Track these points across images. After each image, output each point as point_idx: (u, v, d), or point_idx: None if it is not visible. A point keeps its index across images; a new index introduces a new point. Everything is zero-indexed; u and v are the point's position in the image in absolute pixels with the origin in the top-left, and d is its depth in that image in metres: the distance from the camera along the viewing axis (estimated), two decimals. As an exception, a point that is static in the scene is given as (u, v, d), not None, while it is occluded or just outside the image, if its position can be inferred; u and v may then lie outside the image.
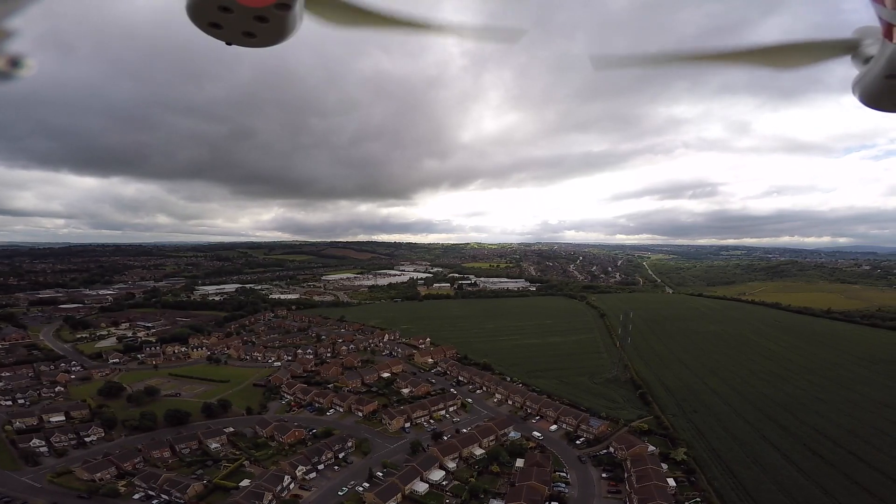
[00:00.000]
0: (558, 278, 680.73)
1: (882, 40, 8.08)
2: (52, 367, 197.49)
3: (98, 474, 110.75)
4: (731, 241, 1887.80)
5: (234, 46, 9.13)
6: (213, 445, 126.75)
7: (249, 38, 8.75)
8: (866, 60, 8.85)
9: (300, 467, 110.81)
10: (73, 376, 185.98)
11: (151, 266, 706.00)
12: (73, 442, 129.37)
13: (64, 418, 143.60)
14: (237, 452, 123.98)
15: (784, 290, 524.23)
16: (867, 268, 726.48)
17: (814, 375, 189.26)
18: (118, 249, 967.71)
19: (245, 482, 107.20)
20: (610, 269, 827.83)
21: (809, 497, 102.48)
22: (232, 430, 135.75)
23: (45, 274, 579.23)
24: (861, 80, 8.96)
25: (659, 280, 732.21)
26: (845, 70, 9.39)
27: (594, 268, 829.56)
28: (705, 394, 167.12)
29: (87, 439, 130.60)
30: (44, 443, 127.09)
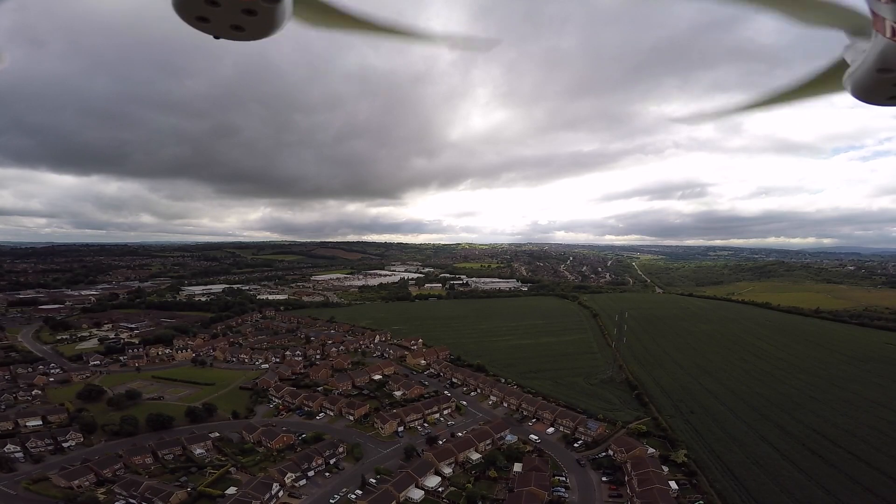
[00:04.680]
0: (549, 278, 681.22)
1: (874, 34, 7.90)
2: (29, 369, 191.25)
3: (76, 481, 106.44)
4: (718, 242, 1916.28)
5: (221, 40, 8.91)
6: (198, 451, 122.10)
7: (238, 31, 8.52)
8: (857, 55, 8.72)
9: (289, 474, 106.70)
10: (51, 379, 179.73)
11: (136, 266, 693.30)
12: (50, 447, 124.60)
13: (41, 423, 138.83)
14: (223, 458, 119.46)
15: (772, 291, 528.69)
16: (852, 268, 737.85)
17: (807, 375, 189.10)
18: (103, 249, 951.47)
19: (231, 490, 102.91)
20: (600, 269, 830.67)
21: (812, 498, 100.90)
22: (217, 435, 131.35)
23: (26, 274, 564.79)
24: (853, 73, 8.85)
25: (648, 280, 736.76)
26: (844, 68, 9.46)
27: (584, 268, 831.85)
28: (701, 394, 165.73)
29: (64, 445, 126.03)
30: (19, 448, 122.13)
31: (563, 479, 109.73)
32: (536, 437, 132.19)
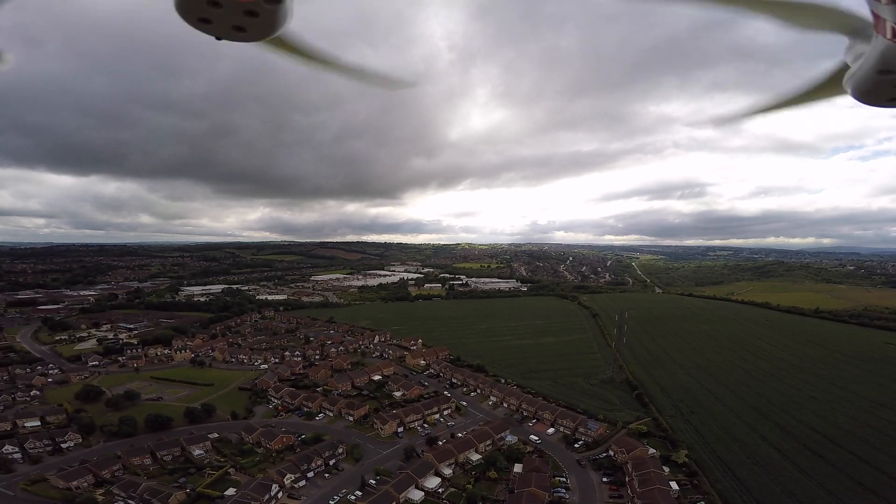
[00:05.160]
0: (549, 279, 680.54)
1: (875, 35, 7.85)
2: (28, 369, 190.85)
3: (74, 482, 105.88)
4: (717, 242, 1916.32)
5: (221, 45, 8.98)
6: (197, 452, 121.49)
7: (239, 32, 8.54)
8: (858, 56, 8.67)
9: (288, 475, 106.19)
10: (50, 380, 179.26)
11: (136, 266, 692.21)
12: (48, 448, 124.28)
13: (39, 423, 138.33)
14: (222, 459, 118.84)
15: (772, 290, 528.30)
16: (851, 268, 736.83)
17: (807, 375, 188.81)
18: (102, 249, 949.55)
19: (230, 491, 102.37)
20: (599, 269, 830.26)
21: (813, 498, 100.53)
22: (216, 435, 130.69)
23: (25, 274, 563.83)
24: (853, 75, 8.80)
25: (648, 280, 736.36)
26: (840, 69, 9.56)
27: (584, 268, 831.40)
28: (701, 394, 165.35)
29: (63, 445, 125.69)
30: (17, 449, 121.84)
31: (564, 479, 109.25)
32: (537, 438, 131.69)
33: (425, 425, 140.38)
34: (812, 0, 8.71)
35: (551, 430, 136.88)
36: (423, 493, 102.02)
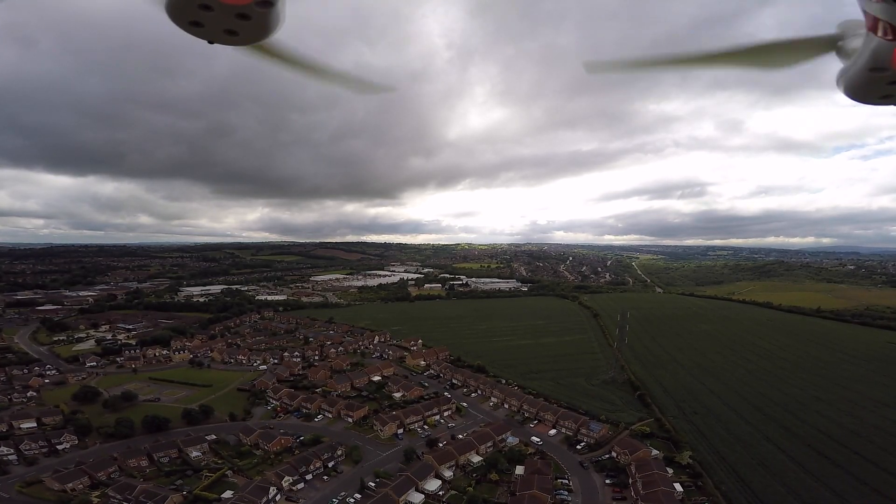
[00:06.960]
0: (549, 278, 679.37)
1: (867, 33, 8.07)
2: (25, 370, 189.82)
3: (70, 484, 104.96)
4: (717, 242, 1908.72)
5: (215, 45, 8.96)
6: (194, 454, 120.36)
7: (231, 35, 8.58)
8: (850, 54, 8.81)
9: (287, 477, 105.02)
10: (47, 381, 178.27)
11: (135, 267, 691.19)
12: (44, 450, 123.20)
13: (35, 425, 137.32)
14: (219, 461, 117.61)
15: (772, 290, 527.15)
16: (852, 267, 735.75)
17: (810, 374, 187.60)
18: (101, 250, 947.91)
19: (228, 494, 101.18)
20: (600, 269, 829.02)
21: (818, 499, 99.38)
22: (214, 437, 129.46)
23: (24, 275, 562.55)
24: (845, 72, 8.96)
25: (648, 280, 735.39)
26: (839, 66, 9.53)
27: (584, 268, 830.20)
28: (704, 394, 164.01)
29: (59, 447, 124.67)
30: (13, 451, 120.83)
31: (566, 481, 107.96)
32: (538, 439, 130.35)
33: (425, 427, 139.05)
34: (781, 39, 9.17)
35: (553, 432, 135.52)
36: (423, 496, 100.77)
